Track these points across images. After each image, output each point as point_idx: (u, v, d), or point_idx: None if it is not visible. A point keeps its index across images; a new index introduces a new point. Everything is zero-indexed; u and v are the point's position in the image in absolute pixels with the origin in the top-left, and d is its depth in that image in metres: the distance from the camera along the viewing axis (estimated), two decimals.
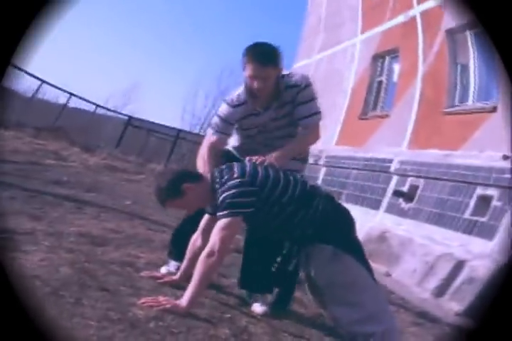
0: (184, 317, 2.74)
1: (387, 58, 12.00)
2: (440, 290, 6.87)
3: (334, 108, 12.95)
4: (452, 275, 6.88)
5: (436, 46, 9.74)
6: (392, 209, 9.43)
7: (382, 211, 9.71)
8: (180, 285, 3.23)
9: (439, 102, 9.28)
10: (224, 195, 2.85)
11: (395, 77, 11.48)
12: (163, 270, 3.57)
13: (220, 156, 3.57)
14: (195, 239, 3.27)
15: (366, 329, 2.77)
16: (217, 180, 2.95)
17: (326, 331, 3.43)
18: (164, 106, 62.76)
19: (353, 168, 11.15)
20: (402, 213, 9.06)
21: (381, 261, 8.39)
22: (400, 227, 8.81)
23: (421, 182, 8.90)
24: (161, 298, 2.84)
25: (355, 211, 9.78)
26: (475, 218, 7.27)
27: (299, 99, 3.49)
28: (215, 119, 3.58)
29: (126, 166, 13.87)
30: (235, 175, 2.88)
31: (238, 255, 4.79)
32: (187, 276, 3.20)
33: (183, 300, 2.82)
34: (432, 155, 8.78)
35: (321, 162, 12.60)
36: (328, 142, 12.60)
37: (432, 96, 9.56)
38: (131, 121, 21.03)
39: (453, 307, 6.37)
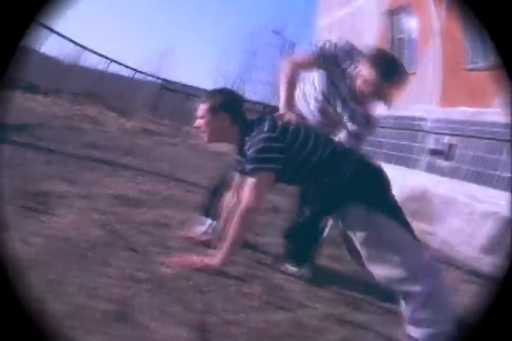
0: (215, 275, 2.71)
1: (402, 15, 11.75)
2: (490, 249, 6.72)
3: None
4: (500, 233, 6.74)
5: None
6: (430, 168, 9.30)
7: (421, 170, 9.57)
8: (213, 245, 3.18)
9: (461, 59, 9.10)
10: (253, 149, 2.78)
11: (414, 34, 11.27)
12: (199, 230, 3.52)
13: None
14: (229, 198, 3.21)
15: (405, 288, 2.69)
16: (249, 131, 2.87)
17: (364, 287, 3.36)
18: (198, 69, 62.51)
19: (388, 127, 10.97)
20: (441, 172, 8.92)
21: (426, 220, 8.28)
22: (441, 186, 8.68)
23: (456, 140, 8.74)
24: (191, 257, 2.82)
25: (394, 170, 9.79)
26: None
27: None
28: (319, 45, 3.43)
29: (162, 129, 13.90)
30: (265, 128, 2.82)
31: (274, 214, 4.78)
32: (221, 236, 3.13)
33: (215, 258, 2.80)
34: (463, 113, 8.61)
35: None
36: None
37: (453, 53, 9.36)
38: (165, 85, 20.99)
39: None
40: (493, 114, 7.86)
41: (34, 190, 3.49)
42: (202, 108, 2.95)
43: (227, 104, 2.94)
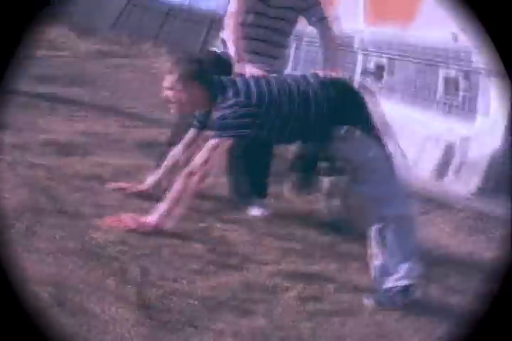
0: (149, 236, 2.54)
1: None
2: (439, 173, 6.74)
3: None
4: (446, 157, 6.77)
5: None
6: (363, 88, 9.21)
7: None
8: (149, 196, 2.99)
9: None
10: (218, 114, 2.67)
11: None
12: (149, 179, 3.27)
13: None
14: (176, 151, 3.08)
15: (381, 210, 2.65)
16: (218, 94, 2.72)
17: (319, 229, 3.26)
18: None
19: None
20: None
21: None
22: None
23: (385, 61, 8.61)
24: (124, 217, 2.64)
25: None
26: (448, 100, 7.08)
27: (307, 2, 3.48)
28: None
29: (116, 50, 13.48)
30: (230, 94, 2.68)
31: None
32: (158, 187, 3.03)
33: (151, 217, 2.62)
34: (387, 33, 8.41)
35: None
36: None
37: None
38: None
39: (459, 189, 6.21)
40: (413, 35, 7.71)
41: None
42: (169, 79, 2.79)
43: (198, 71, 2.79)
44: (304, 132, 2.83)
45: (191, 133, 3.03)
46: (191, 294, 2.17)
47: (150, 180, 3.18)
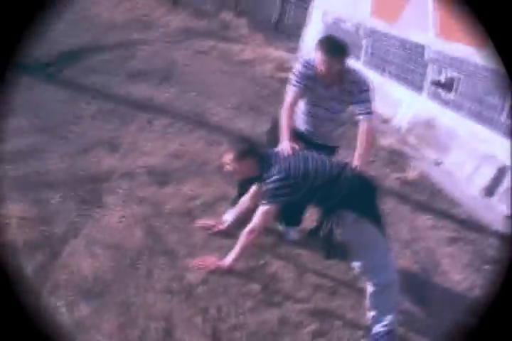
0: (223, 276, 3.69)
1: None
2: (489, 191, 7.37)
3: None
4: (497, 177, 7.38)
5: None
6: (434, 96, 9.79)
7: (426, 96, 10.09)
8: (227, 235, 4.16)
9: None
10: (266, 187, 3.68)
11: None
12: (225, 217, 4.41)
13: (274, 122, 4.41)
14: (244, 200, 4.21)
15: (373, 279, 3.68)
16: (264, 168, 3.74)
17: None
18: None
19: (391, 46, 11.29)
20: (444, 103, 9.44)
21: (430, 147, 9.04)
22: (445, 116, 9.26)
23: (456, 75, 9.17)
24: (209, 259, 3.80)
25: (399, 91, 10.30)
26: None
27: (359, 95, 4.18)
28: (292, 76, 4.29)
29: (201, 26, 14.37)
30: (274, 171, 3.66)
31: None
32: (234, 225, 4.22)
33: (226, 261, 3.76)
34: (461, 49, 8.84)
35: (361, 32, 12.69)
36: (364, 12, 12.59)
37: None
38: None
39: (502, 209, 6.91)
40: (484, 56, 8.25)
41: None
42: (227, 157, 3.82)
43: (249, 151, 3.80)
44: (323, 204, 3.79)
45: (254, 187, 4.10)
46: (244, 328, 3.30)
47: (227, 220, 4.33)
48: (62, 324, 2.86)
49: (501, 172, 7.38)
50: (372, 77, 10.12)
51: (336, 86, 4.19)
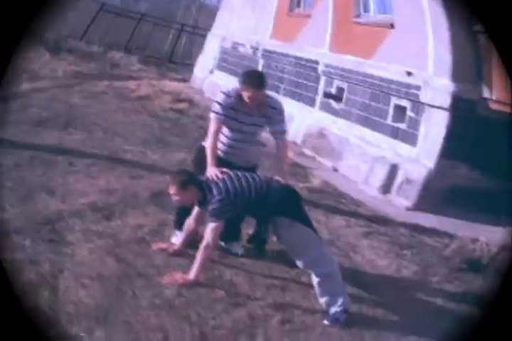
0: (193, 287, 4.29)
1: None
2: (385, 188, 8.41)
3: (267, 2, 13.88)
4: (390, 175, 8.41)
5: None
6: (325, 107, 10.80)
7: (318, 108, 11.07)
8: (182, 253, 4.81)
9: (349, 10, 10.44)
10: (211, 207, 4.34)
11: None
12: (174, 239, 5.06)
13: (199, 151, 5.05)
14: (189, 222, 4.80)
15: (316, 270, 4.39)
16: (207, 192, 4.39)
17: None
18: None
19: (287, 64, 12.31)
20: (334, 112, 10.45)
21: (325, 156, 9.96)
22: (336, 126, 10.23)
23: (345, 85, 10.22)
24: (176, 275, 4.38)
25: (293, 106, 11.26)
26: (396, 124, 8.81)
27: (276, 118, 4.88)
28: (215, 105, 4.86)
29: (91, 69, 14.78)
30: (215, 193, 4.32)
31: None
32: (184, 246, 4.85)
33: (191, 275, 4.35)
34: (350, 61, 10.01)
35: (259, 54, 13.66)
36: (264, 35, 13.62)
37: (343, 3, 10.68)
38: (104, 7, 20.68)
39: (402, 202, 8.02)
40: (373, 66, 9.38)
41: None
42: (172, 188, 4.46)
43: (189, 181, 4.45)
44: (259, 214, 4.53)
45: (196, 209, 4.70)
46: (224, 326, 3.90)
47: (178, 242, 4.94)
48: None
49: (393, 171, 8.40)
50: None
51: (256, 112, 4.85)
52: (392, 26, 9.14)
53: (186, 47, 22.48)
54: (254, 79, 4.71)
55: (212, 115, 4.88)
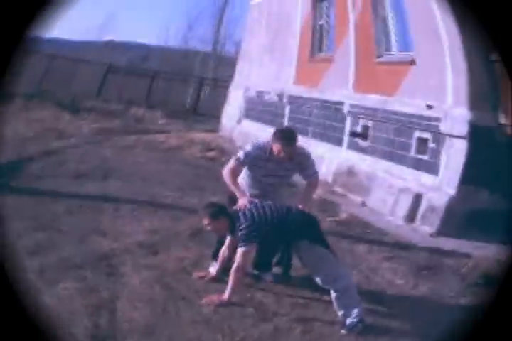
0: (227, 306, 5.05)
1: (325, 3, 13.61)
2: (410, 218, 8.97)
3: (287, 49, 14.72)
4: (415, 204, 8.96)
5: None
6: (352, 146, 11.45)
7: (345, 148, 11.74)
8: (218, 280, 5.56)
9: (371, 51, 11.06)
10: (239, 234, 5.08)
11: (333, 22, 13.08)
12: (212, 269, 5.79)
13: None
14: (224, 250, 5.59)
15: (332, 286, 5.07)
16: (235, 221, 5.13)
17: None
18: None
19: (313, 108, 13.06)
20: (361, 150, 11.09)
21: (355, 192, 10.61)
22: (364, 163, 10.88)
23: (370, 123, 10.89)
24: (213, 297, 5.13)
25: (322, 147, 11.98)
26: (419, 156, 9.35)
27: (305, 163, 5.60)
28: (241, 153, 5.53)
29: (116, 125, 15.67)
30: (243, 221, 5.07)
31: None
32: (220, 272, 5.61)
33: (225, 295, 5.10)
34: (374, 100, 10.64)
35: (285, 100, 14.48)
36: (287, 82, 14.45)
37: (365, 45, 11.32)
38: (111, 68, 21.93)
39: (426, 229, 8.54)
40: (396, 102, 10.00)
41: None
42: (205, 220, 5.24)
43: (219, 212, 5.23)
44: (282, 238, 5.21)
45: (229, 239, 5.47)
46: (252, 337, 4.62)
47: (214, 270, 5.70)
48: None
49: (416, 201, 8.96)
50: None
51: (287, 161, 5.56)
52: (413, 63, 9.70)
53: (209, 100, 23.34)
54: (284, 136, 5.41)
55: (233, 158, 5.66)
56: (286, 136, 5.42)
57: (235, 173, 5.58)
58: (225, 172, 5.60)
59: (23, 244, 5.83)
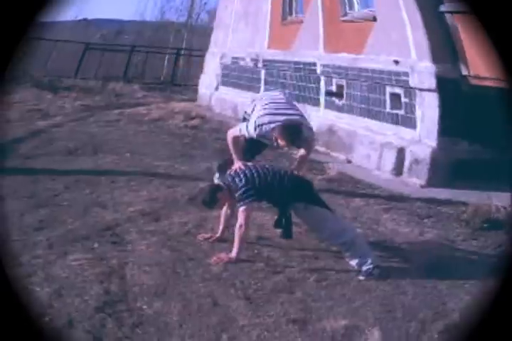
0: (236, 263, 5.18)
1: None
2: (397, 171, 9.24)
3: (260, 14, 14.74)
4: (399, 158, 9.23)
5: None
6: (330, 105, 11.63)
7: (323, 107, 11.91)
8: (224, 239, 5.69)
9: (336, 10, 11.34)
10: (237, 195, 5.20)
11: None
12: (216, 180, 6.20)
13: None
14: (224, 211, 5.71)
15: (339, 240, 5.24)
16: (232, 185, 5.25)
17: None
18: None
19: (288, 70, 13.16)
20: (339, 109, 11.28)
21: (338, 150, 10.80)
22: (342, 121, 11.07)
23: (344, 82, 11.06)
24: (221, 255, 5.25)
25: (300, 109, 12.04)
26: (394, 111, 9.64)
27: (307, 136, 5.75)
28: (248, 129, 5.72)
29: (97, 101, 15.69)
30: (239, 183, 5.19)
31: None
32: (224, 231, 5.73)
33: (233, 253, 5.22)
34: (344, 58, 10.87)
35: (260, 65, 14.54)
36: (262, 46, 14.51)
37: (330, 5, 11.62)
38: (89, 46, 21.76)
39: (415, 181, 8.81)
40: (364, 60, 10.24)
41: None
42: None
43: (211, 197, 5.36)
44: (278, 200, 5.38)
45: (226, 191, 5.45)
46: (265, 288, 4.76)
47: (219, 230, 5.79)
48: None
49: (400, 154, 9.20)
50: None
51: None
52: (374, 19, 9.98)
53: (185, 70, 23.39)
54: (288, 135, 5.45)
55: (240, 126, 5.92)
56: (289, 135, 5.46)
57: (236, 140, 5.85)
58: (229, 137, 5.88)
59: (27, 221, 5.91)
